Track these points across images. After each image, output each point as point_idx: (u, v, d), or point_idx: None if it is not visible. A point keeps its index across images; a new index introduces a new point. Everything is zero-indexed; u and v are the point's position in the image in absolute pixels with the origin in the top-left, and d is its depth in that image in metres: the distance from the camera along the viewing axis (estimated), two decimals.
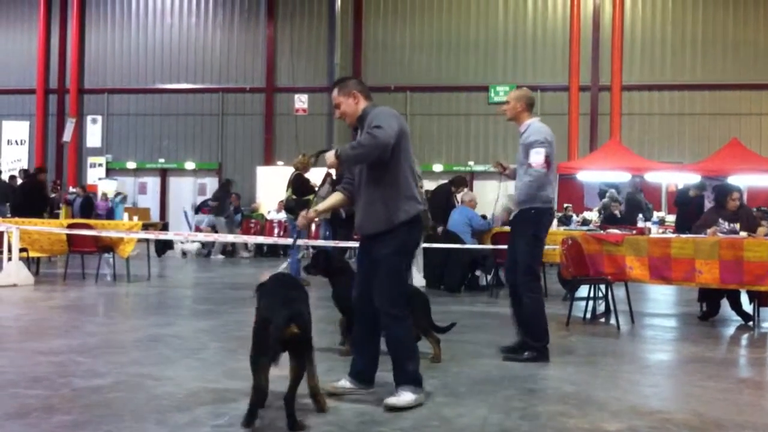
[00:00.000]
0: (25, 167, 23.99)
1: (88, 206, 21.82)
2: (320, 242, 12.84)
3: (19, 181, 20.06)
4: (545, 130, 6.33)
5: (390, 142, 4.51)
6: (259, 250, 19.96)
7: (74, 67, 29.14)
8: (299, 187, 12.12)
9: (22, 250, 11.45)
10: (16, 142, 27.10)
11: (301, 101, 27.55)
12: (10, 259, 11.02)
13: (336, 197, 5.16)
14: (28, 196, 16.08)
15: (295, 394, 4.15)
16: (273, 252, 19.84)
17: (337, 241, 12.36)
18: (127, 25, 29.19)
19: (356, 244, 12.68)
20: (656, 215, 18.66)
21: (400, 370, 4.71)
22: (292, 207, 12.14)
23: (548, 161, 6.18)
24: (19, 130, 27.10)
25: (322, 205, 5.24)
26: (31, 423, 4.23)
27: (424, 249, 12.20)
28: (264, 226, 21.25)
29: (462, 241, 11.40)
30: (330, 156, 4.60)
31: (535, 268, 6.37)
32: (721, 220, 8.90)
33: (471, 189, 19.30)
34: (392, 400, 4.59)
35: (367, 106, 4.83)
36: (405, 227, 4.71)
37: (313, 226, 15.94)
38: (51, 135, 29.27)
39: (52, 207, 20.49)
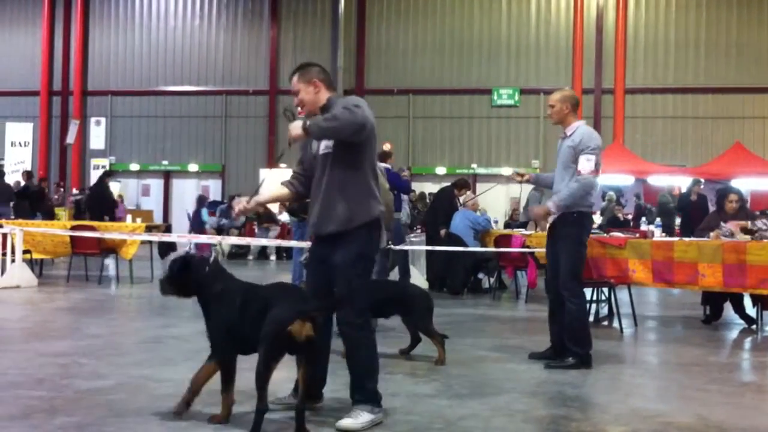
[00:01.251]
0: (29, 169, 24.01)
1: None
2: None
3: (22, 183, 20.09)
4: (596, 135, 6.25)
5: (367, 123, 4.19)
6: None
7: (78, 69, 29.16)
8: None
9: (25, 251, 11.46)
10: (19, 143, 27.16)
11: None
12: (13, 260, 11.04)
13: (281, 190, 4.75)
14: (96, 199, 17.02)
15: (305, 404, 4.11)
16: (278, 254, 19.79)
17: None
18: (131, 28, 29.22)
19: None
20: (659, 219, 18.64)
21: (359, 388, 4.35)
22: (295, 209, 12.12)
23: (597, 168, 6.09)
24: (23, 131, 27.16)
25: (262, 197, 4.79)
26: (34, 424, 4.24)
27: (427, 251, 12.21)
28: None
29: (465, 244, 11.40)
30: (296, 127, 4.23)
31: (580, 273, 6.20)
32: (723, 224, 8.90)
33: (474, 192, 19.28)
34: (346, 422, 4.23)
35: (331, 97, 4.48)
36: (365, 230, 4.36)
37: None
38: (54, 137, 29.30)
39: (52, 209, 20.48)
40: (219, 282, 4.31)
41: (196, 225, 20.03)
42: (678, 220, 16.61)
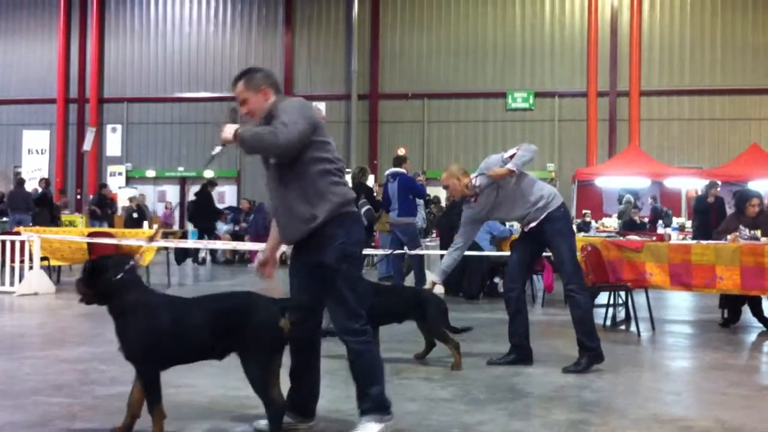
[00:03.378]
0: (46, 176, 24.19)
1: (141, 216, 21.62)
2: None
3: (39, 190, 20.23)
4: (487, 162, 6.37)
5: (291, 145, 3.95)
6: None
7: (94, 77, 29.39)
8: None
9: (43, 258, 11.55)
10: (36, 151, 27.35)
11: (318, 109, 27.63)
12: (31, 267, 11.12)
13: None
14: (201, 207, 18.14)
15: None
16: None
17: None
18: (146, 35, 29.42)
19: (377, 252, 12.73)
20: (676, 221, 18.55)
21: (363, 396, 4.14)
22: None
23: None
24: (40, 139, 27.36)
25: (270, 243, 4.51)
26: (53, 431, 4.27)
27: (442, 256, 12.16)
28: None
29: (481, 249, 11.37)
30: (229, 131, 4.07)
31: (579, 263, 6.18)
32: (741, 227, 8.84)
33: None
34: None
35: (276, 100, 4.24)
36: (335, 225, 4.09)
37: None
38: (71, 144, 29.52)
39: (56, 215, 20.52)
40: (132, 293, 4.05)
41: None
42: (689, 223, 16.53)
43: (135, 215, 19.65)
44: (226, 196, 27.83)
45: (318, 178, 4.09)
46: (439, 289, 11.99)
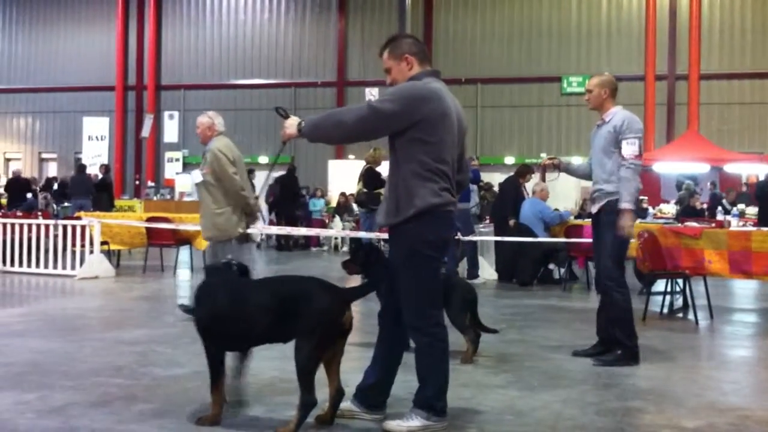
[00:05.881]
0: (105, 162, 24.67)
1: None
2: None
3: (99, 176, 20.62)
4: (637, 119, 5.96)
5: (366, 126, 3.91)
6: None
7: (151, 65, 29.87)
8: (370, 180, 12.17)
9: (103, 243, 11.80)
10: (96, 137, 27.88)
11: (372, 95, 27.61)
12: (92, 252, 11.37)
13: None
14: (287, 189, 18.68)
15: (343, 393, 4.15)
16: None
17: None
18: (202, 23, 29.76)
19: None
20: (736, 208, 18.13)
21: (419, 391, 4.08)
22: (363, 200, 12.21)
23: (641, 153, 5.80)
24: (100, 126, 27.90)
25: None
26: (113, 411, 4.37)
27: (496, 242, 12.12)
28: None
29: (534, 234, 11.29)
30: (291, 125, 4.03)
31: (623, 261, 5.99)
32: None
33: (543, 180, 19.12)
34: (392, 424, 4.05)
35: (419, 73, 4.08)
36: (411, 223, 3.97)
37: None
38: (130, 131, 30.07)
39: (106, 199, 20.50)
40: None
41: None
42: (749, 209, 16.06)
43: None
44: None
45: (409, 177, 3.97)
46: (492, 275, 12.01)
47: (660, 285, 9.31)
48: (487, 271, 12.01)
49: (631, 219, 5.77)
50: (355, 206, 17.08)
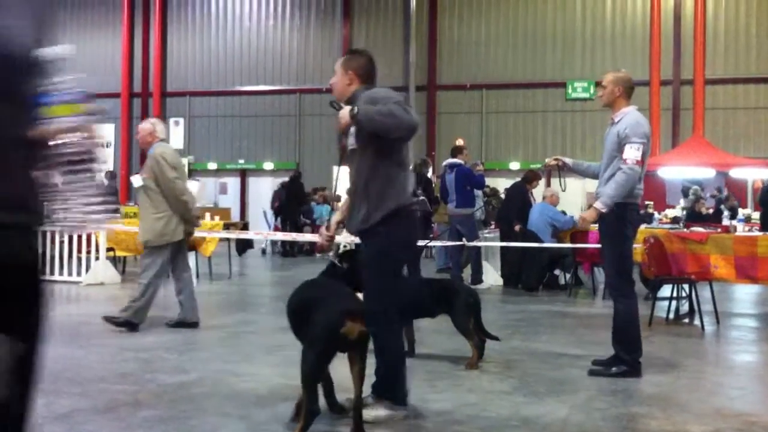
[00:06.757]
0: (111, 169, 24.73)
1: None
2: None
3: (105, 183, 20.66)
4: (645, 123, 5.83)
5: (417, 127, 4.25)
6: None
7: (157, 71, 29.95)
8: None
9: (108, 249, 11.83)
10: (102, 144, 27.96)
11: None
12: (97, 258, 11.40)
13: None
14: (292, 197, 18.98)
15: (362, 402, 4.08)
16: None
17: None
18: (207, 30, 29.83)
19: (433, 243, 12.72)
20: (742, 213, 18.10)
21: (377, 380, 4.37)
22: None
23: (644, 159, 5.63)
24: (105, 132, 27.95)
25: (337, 215, 4.79)
26: (119, 417, 4.38)
27: (502, 248, 12.10)
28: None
29: (540, 240, 11.26)
30: (344, 114, 4.22)
31: (627, 270, 5.76)
32: None
33: (548, 185, 19.09)
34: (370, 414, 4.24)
35: (357, 90, 4.44)
36: (382, 226, 4.28)
37: None
38: (135, 137, 30.10)
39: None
40: None
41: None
42: (755, 214, 16.04)
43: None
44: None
45: (384, 175, 4.32)
46: (497, 281, 11.98)
47: (666, 290, 9.29)
48: (492, 277, 12.00)
49: (593, 218, 5.66)
50: None
